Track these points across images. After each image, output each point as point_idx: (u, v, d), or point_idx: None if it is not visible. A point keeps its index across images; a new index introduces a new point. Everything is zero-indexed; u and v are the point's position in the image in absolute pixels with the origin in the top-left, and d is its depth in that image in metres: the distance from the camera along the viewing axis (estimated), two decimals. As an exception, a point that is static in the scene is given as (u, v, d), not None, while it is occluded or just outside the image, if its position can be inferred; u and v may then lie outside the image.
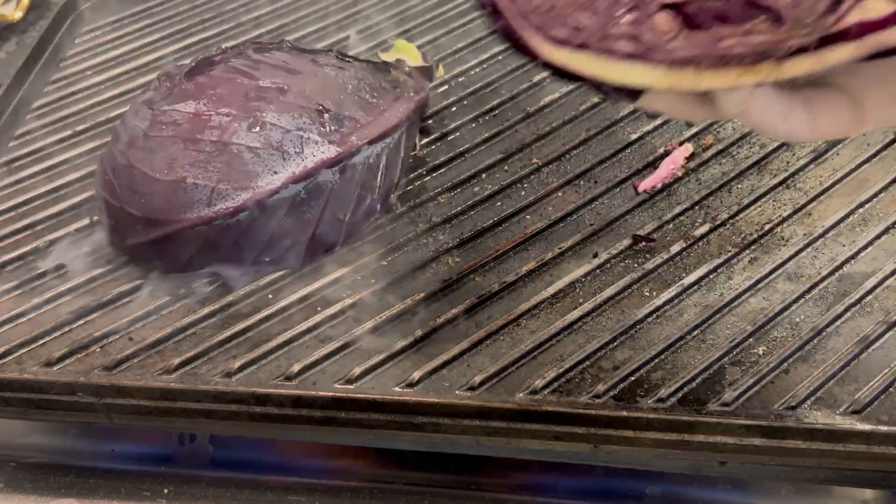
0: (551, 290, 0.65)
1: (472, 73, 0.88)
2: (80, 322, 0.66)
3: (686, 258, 0.67)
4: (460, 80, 0.88)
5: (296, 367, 0.61)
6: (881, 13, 0.42)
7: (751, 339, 0.61)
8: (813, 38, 0.43)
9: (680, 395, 0.58)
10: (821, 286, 0.64)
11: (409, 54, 0.87)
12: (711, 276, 0.66)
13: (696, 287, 0.65)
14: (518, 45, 0.48)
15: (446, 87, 0.87)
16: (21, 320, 0.67)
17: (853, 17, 0.42)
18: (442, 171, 0.77)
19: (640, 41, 0.45)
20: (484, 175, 0.77)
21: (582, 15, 0.47)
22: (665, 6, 0.45)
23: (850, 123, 0.43)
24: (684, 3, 0.44)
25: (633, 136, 0.79)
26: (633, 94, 0.46)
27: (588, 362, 0.60)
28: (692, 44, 0.44)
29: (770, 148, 0.76)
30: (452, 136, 0.81)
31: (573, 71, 0.47)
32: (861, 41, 0.42)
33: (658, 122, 0.80)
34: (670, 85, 0.45)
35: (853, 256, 0.66)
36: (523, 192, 0.74)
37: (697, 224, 0.70)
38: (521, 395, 0.58)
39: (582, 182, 0.75)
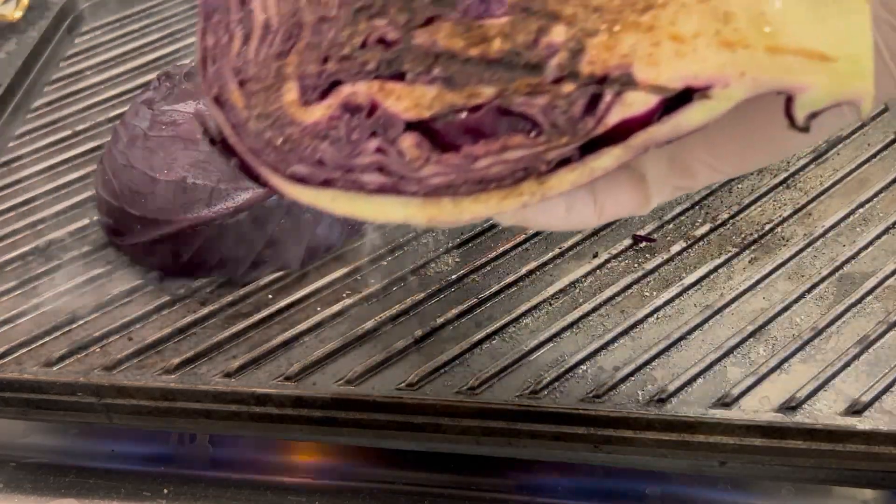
0: (551, 290, 0.65)
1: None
2: (80, 322, 0.66)
3: (686, 258, 0.67)
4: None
5: (296, 367, 0.61)
6: (645, 107, 0.37)
7: (751, 339, 0.61)
8: (574, 145, 0.38)
9: (680, 395, 0.58)
10: (821, 286, 0.64)
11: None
12: (712, 276, 0.66)
13: (696, 287, 0.65)
14: (261, 183, 0.42)
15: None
16: (21, 320, 0.66)
17: (615, 116, 0.38)
18: (442, 170, 0.77)
19: (389, 171, 0.40)
20: (484, 175, 0.76)
21: (321, 146, 0.40)
22: (410, 127, 0.39)
23: (637, 202, 0.40)
24: (431, 120, 0.39)
25: (634, 136, 0.78)
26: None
27: (588, 362, 0.60)
28: (445, 168, 0.39)
29: (770, 148, 0.76)
30: (452, 136, 0.81)
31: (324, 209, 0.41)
32: (627, 143, 0.38)
33: (658, 121, 0.79)
34: (429, 219, 0.40)
35: (853, 256, 0.66)
36: (523, 192, 0.74)
37: (698, 224, 0.70)
38: (521, 395, 0.58)
39: (582, 182, 0.75)
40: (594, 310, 0.64)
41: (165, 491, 0.61)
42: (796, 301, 0.63)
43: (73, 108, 0.88)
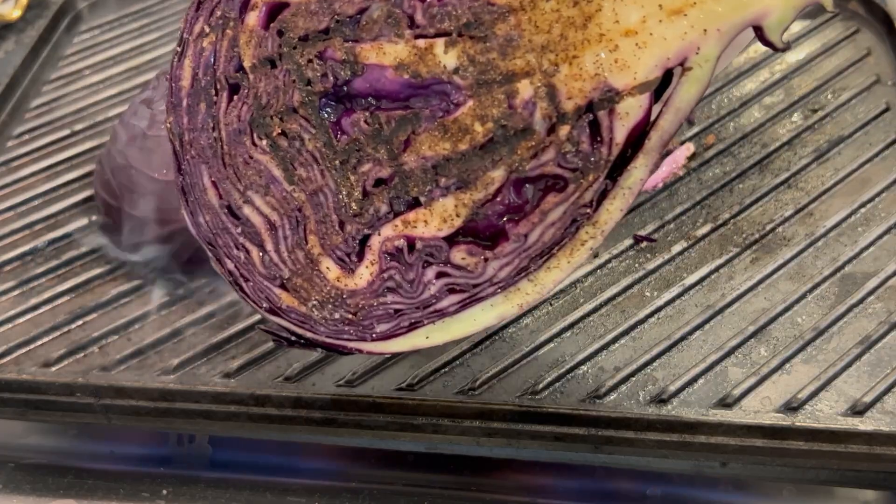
0: (552, 290, 0.65)
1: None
2: (79, 322, 0.66)
3: (687, 258, 0.67)
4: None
5: (295, 368, 0.61)
6: (641, 109, 0.39)
7: (752, 340, 0.61)
8: (602, 177, 0.40)
9: (681, 395, 0.58)
10: (823, 286, 0.64)
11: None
12: (713, 276, 0.65)
13: (697, 287, 0.65)
14: (359, 354, 0.45)
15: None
16: (19, 320, 0.66)
17: (620, 132, 0.39)
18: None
19: (459, 287, 0.42)
20: (484, 174, 0.76)
21: (388, 299, 0.43)
22: (452, 241, 0.41)
23: None
24: (466, 225, 0.41)
25: (634, 136, 0.78)
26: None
27: (589, 363, 0.60)
28: (506, 259, 0.41)
29: (772, 147, 0.76)
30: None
31: (425, 349, 0.44)
32: (645, 149, 0.40)
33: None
34: (520, 305, 0.42)
35: (855, 256, 0.66)
36: (524, 192, 0.74)
37: (699, 224, 0.70)
38: (521, 395, 0.58)
39: (582, 181, 0.75)
40: (595, 310, 0.64)
41: (164, 492, 0.61)
42: (798, 301, 0.63)
43: (71, 107, 0.87)
